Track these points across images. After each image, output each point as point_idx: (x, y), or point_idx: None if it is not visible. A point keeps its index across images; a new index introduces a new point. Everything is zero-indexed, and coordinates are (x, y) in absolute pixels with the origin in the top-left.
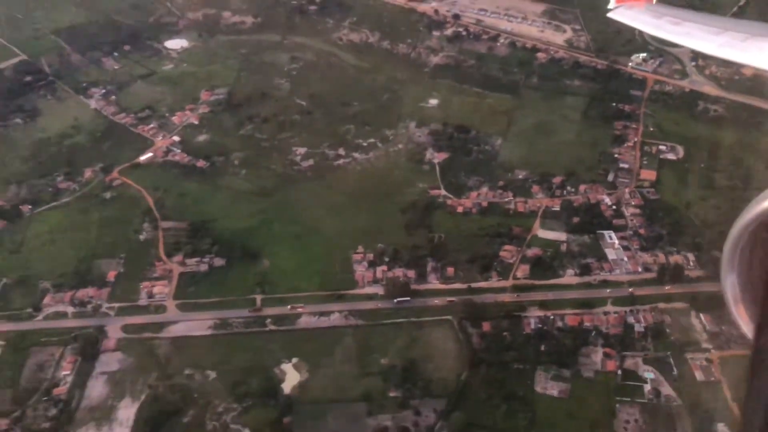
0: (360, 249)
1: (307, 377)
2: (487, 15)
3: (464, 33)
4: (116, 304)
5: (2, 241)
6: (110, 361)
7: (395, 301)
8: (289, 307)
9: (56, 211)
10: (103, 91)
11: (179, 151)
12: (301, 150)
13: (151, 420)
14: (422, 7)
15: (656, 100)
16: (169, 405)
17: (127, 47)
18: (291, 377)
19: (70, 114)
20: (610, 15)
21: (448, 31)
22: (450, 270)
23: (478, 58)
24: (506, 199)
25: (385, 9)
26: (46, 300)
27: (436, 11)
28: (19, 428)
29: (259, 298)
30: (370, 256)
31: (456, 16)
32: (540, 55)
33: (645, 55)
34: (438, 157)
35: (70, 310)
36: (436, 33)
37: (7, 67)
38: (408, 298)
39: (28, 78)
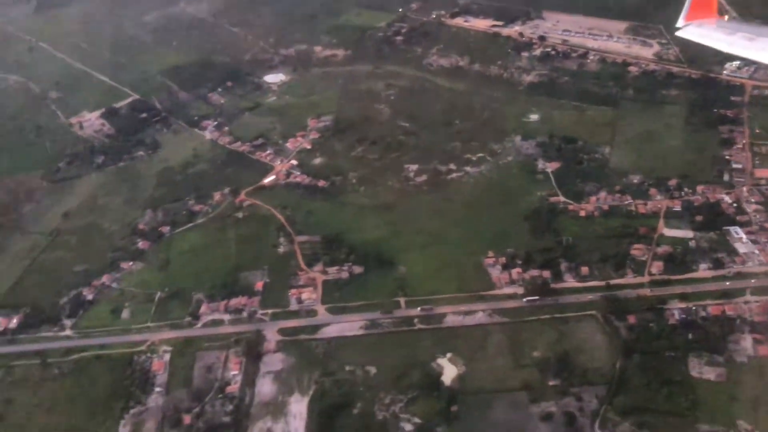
0: (490, 254)
1: (465, 370)
2: (571, 35)
3: (553, 52)
4: (269, 310)
5: (149, 259)
6: (273, 362)
7: (524, 300)
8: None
9: (193, 231)
10: (215, 123)
11: (299, 173)
12: (413, 167)
13: (323, 413)
14: (506, 32)
15: (757, 104)
16: (338, 398)
17: (229, 83)
18: (449, 370)
19: (189, 145)
20: (679, 34)
21: (537, 52)
22: (584, 269)
23: (571, 74)
24: (626, 202)
25: (470, 35)
26: (203, 309)
27: (521, 34)
28: (201, 422)
29: (402, 300)
30: (502, 259)
31: (542, 38)
32: (632, 68)
33: (739, 63)
34: (550, 167)
35: (226, 317)
36: (524, 54)
37: (122, 106)
38: (537, 297)
39: (143, 115)
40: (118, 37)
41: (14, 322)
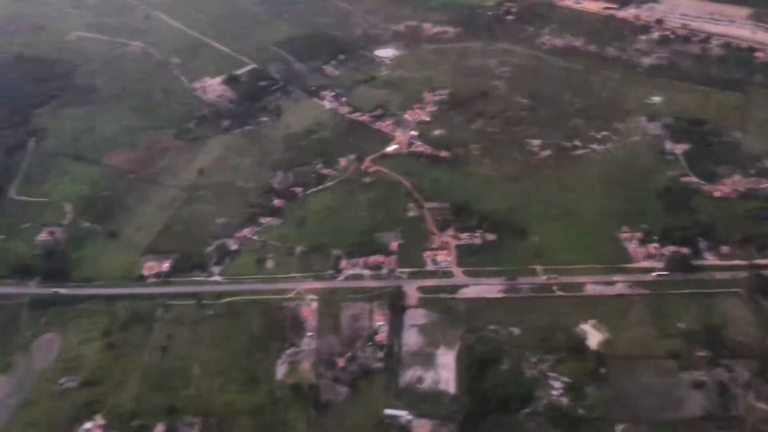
0: (625, 228)
1: (609, 336)
2: (690, 19)
3: (672, 36)
4: (406, 269)
5: (286, 216)
6: (416, 316)
7: (654, 273)
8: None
9: (325, 192)
10: (333, 94)
11: (420, 143)
12: (536, 141)
13: (472, 366)
14: (621, 14)
15: None
16: (485, 354)
17: (342, 56)
18: (593, 335)
19: (309, 113)
20: None
21: (654, 35)
22: (725, 248)
23: (694, 58)
24: (763, 185)
25: (583, 17)
26: (343, 264)
27: (637, 17)
28: (354, 365)
29: (539, 268)
30: (639, 234)
31: (659, 21)
32: (759, 54)
33: None
34: (679, 148)
35: (366, 272)
36: (642, 37)
37: (242, 74)
38: (667, 272)
39: (263, 83)
40: (230, 8)
41: (166, 266)
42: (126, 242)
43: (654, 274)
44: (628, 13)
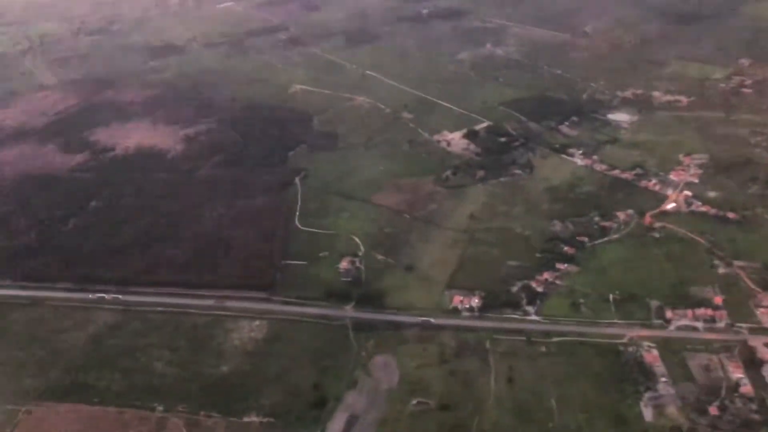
0: None
1: None
2: None
3: None
4: (743, 324)
5: (583, 264)
6: None
7: None
8: None
9: (614, 244)
10: (581, 152)
11: (699, 203)
12: None
13: None
14: None
15: None
16: None
17: (575, 118)
18: None
19: (563, 168)
20: None
21: None
22: None
23: None
24: None
25: None
26: (669, 314)
27: None
28: (728, 415)
29: None
30: None
31: None
32: None
33: None
34: None
35: (697, 324)
36: None
37: (480, 129)
38: None
39: (503, 139)
40: (441, 71)
41: (476, 301)
42: (423, 276)
43: None
44: None
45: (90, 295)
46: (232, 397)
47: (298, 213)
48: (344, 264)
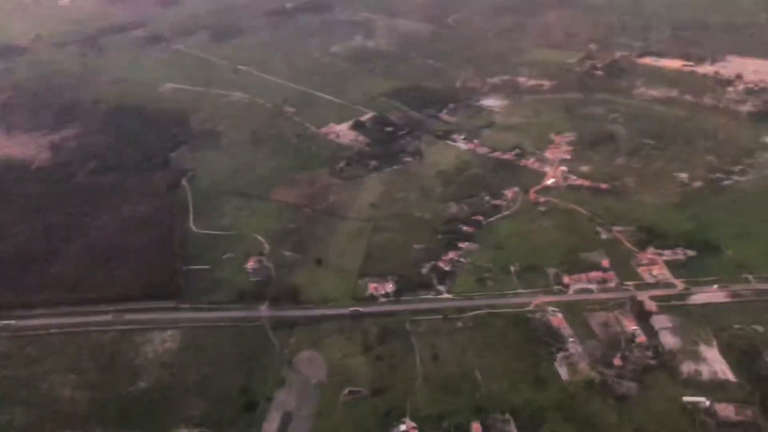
0: None
1: None
2: (765, 75)
3: (756, 88)
4: (629, 282)
5: (482, 241)
6: (662, 321)
7: None
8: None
9: (506, 220)
10: (462, 137)
11: (575, 177)
12: (684, 174)
13: (740, 358)
14: (701, 70)
15: None
16: (745, 347)
17: (452, 105)
18: None
19: (449, 153)
20: None
21: (740, 87)
22: None
23: None
24: None
25: (666, 73)
26: (566, 280)
27: (717, 72)
28: (630, 363)
29: (750, 276)
30: None
31: (738, 76)
32: None
33: None
34: None
35: (592, 287)
36: (729, 88)
37: (366, 120)
38: None
39: (389, 128)
40: (315, 64)
41: (390, 287)
42: (334, 268)
43: None
44: (707, 69)
45: None
46: (156, 413)
47: (191, 215)
48: (251, 264)
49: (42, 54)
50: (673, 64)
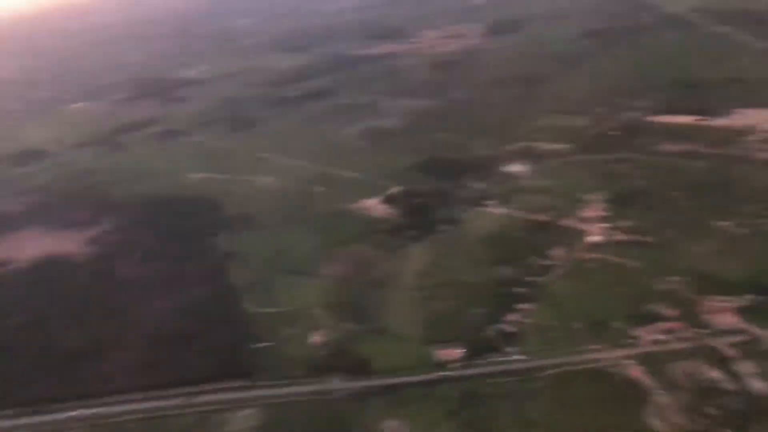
0: None
1: None
2: None
3: None
4: (701, 330)
5: (540, 300)
6: (746, 366)
7: None
8: None
9: (559, 279)
10: (494, 202)
11: (616, 233)
12: (725, 223)
13: None
14: (714, 123)
15: None
16: None
17: (475, 173)
18: None
19: (485, 219)
20: None
21: (758, 137)
22: None
23: None
24: None
25: (681, 128)
26: (634, 332)
27: (730, 124)
28: (725, 412)
29: None
30: None
31: (752, 126)
32: None
33: None
34: None
35: (662, 337)
36: (747, 138)
37: (395, 193)
38: None
39: (418, 200)
40: (333, 145)
41: (458, 352)
42: (398, 337)
43: None
44: (720, 122)
45: (56, 416)
46: None
47: (245, 296)
48: (316, 338)
49: (63, 156)
50: (685, 119)
